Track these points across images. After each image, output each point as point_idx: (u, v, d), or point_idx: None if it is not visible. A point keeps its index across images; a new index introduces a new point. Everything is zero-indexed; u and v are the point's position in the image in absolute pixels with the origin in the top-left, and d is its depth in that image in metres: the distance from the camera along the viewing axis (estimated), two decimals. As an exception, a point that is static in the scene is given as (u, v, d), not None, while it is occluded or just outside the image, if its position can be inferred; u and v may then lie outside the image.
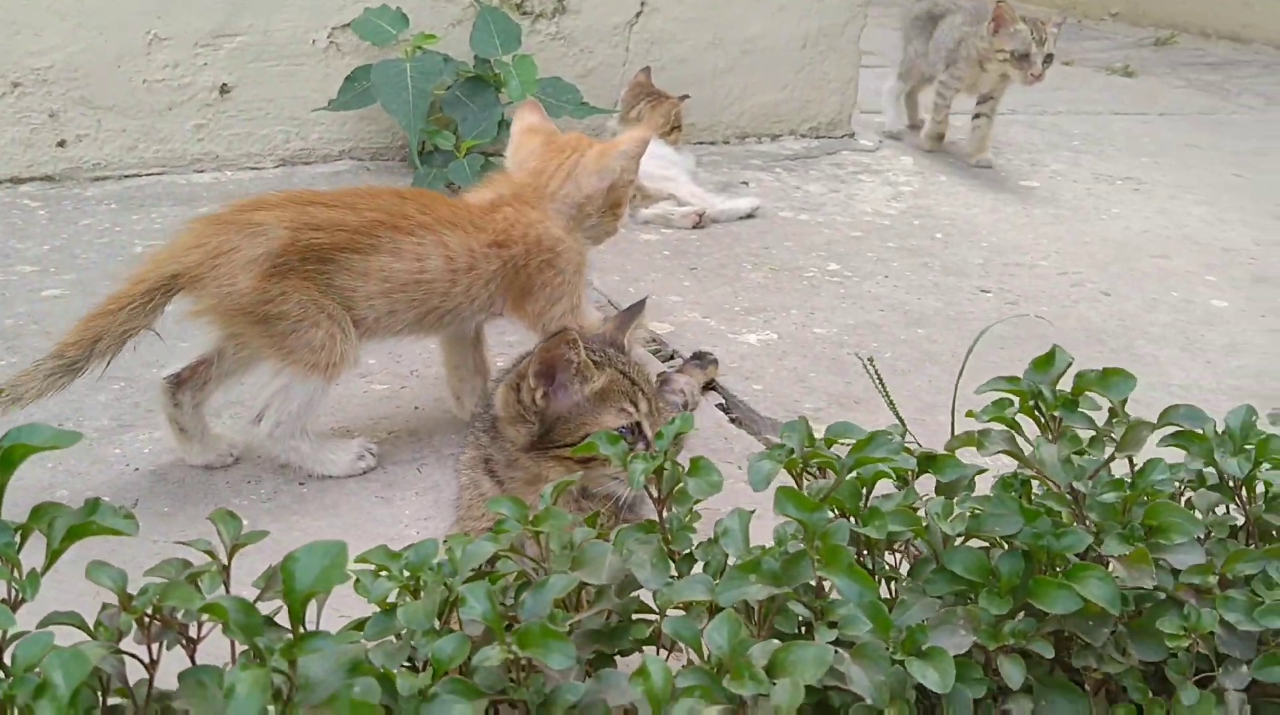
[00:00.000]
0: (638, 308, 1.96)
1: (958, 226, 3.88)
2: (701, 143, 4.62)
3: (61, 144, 3.81)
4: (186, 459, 2.09)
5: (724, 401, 2.49)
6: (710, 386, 2.53)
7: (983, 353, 2.02)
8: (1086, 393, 1.33)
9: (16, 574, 1.08)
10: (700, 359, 2.57)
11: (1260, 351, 2.90)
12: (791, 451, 1.35)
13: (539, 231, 2.17)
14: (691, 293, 3.08)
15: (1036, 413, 1.37)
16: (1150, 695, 1.33)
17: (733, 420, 2.41)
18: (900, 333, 2.89)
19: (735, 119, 4.73)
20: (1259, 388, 2.65)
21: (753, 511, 1.30)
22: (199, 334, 2.04)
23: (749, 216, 3.84)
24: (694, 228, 3.69)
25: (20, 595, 1.08)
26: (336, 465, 2.07)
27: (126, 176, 3.89)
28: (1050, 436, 1.34)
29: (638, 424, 1.71)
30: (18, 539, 1.10)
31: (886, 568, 1.41)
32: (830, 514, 1.28)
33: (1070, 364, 1.35)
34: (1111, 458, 1.33)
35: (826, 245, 3.59)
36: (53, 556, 1.09)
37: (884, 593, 1.42)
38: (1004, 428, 1.38)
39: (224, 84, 3.98)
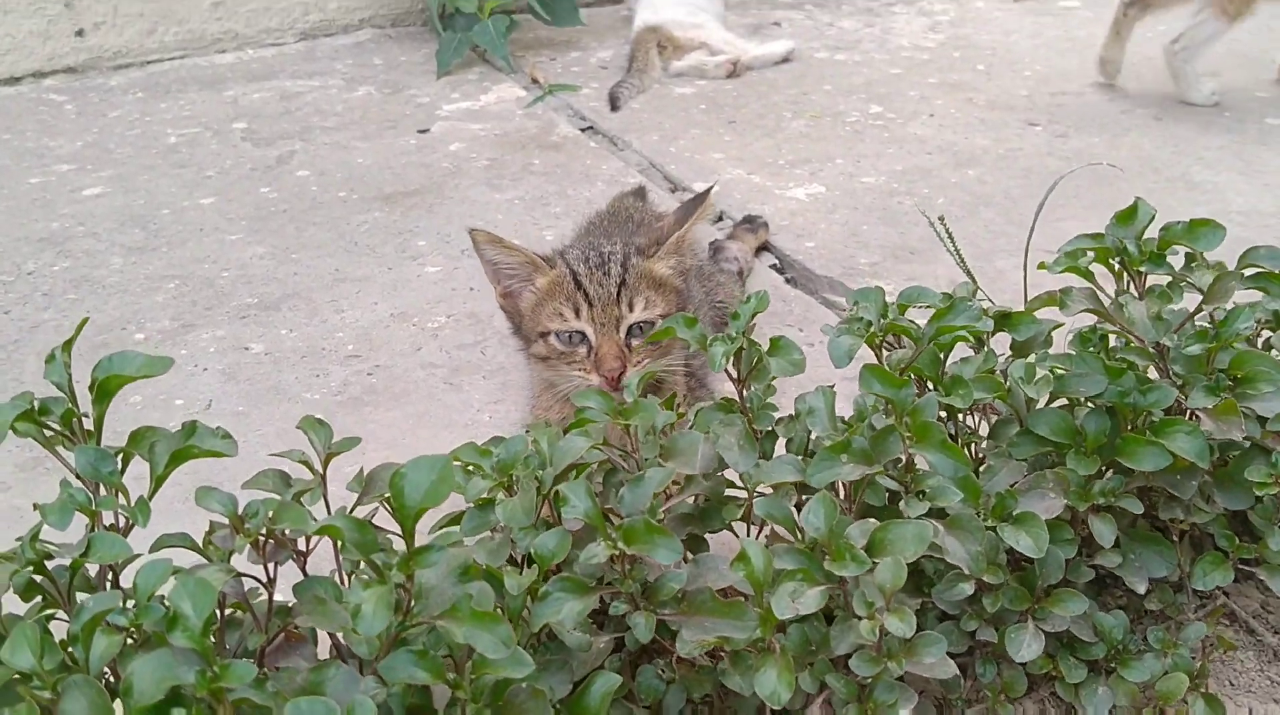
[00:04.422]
0: (701, 198, 1.79)
1: (999, 56, 3.76)
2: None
3: (80, 33, 3.74)
4: (1104, 56, 3.39)
5: (778, 262, 2.46)
6: (763, 248, 2.50)
7: (1036, 194, 1.97)
8: (1173, 246, 1.30)
9: (124, 500, 1.10)
10: (750, 222, 2.52)
11: (1321, 170, 2.83)
12: (869, 324, 1.34)
13: None
14: (733, 148, 3.02)
15: (1116, 265, 1.34)
16: (1237, 542, 1.35)
17: (788, 281, 2.38)
18: (950, 176, 2.83)
19: (761, -44, 4.58)
20: (1322, 209, 2.60)
21: (832, 386, 1.30)
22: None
23: (784, 60, 3.73)
24: (729, 77, 3.60)
25: (130, 521, 1.10)
26: (1201, 94, 3.22)
27: (149, 62, 3.83)
28: (1136, 292, 1.32)
29: (580, 332, 1.59)
30: (119, 464, 1.12)
31: (966, 431, 1.41)
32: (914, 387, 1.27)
33: (1153, 217, 1.32)
34: (1198, 311, 1.31)
35: (866, 86, 3.50)
36: (158, 482, 1.10)
37: (965, 455, 1.43)
38: (1086, 285, 1.35)
39: (236, -41, 3.88)
